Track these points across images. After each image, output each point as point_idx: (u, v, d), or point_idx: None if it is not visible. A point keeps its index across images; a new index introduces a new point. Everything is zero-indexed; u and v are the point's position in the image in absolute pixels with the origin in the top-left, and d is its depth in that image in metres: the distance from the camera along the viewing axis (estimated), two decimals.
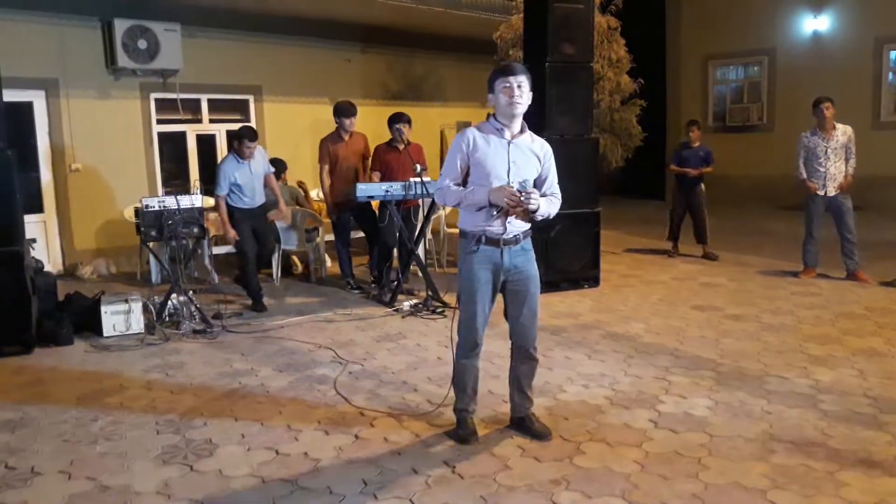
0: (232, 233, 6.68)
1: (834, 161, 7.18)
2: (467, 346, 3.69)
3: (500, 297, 3.72)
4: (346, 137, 7.31)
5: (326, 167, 7.34)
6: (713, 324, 5.89)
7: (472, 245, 3.57)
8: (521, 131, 3.63)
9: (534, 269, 3.69)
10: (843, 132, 7.21)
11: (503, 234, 3.55)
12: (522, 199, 3.43)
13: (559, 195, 3.75)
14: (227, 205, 6.71)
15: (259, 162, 6.84)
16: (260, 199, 6.89)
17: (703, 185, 8.82)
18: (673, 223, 8.97)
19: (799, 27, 13.57)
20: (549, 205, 3.63)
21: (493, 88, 3.56)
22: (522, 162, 3.58)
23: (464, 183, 3.62)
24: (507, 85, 3.51)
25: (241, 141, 6.66)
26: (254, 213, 6.81)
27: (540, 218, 3.61)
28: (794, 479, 3.24)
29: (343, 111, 7.26)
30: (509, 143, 3.58)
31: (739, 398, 4.23)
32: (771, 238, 9.61)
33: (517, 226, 3.59)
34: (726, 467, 3.37)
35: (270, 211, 7.11)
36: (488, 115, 3.68)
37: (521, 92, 3.53)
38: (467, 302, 3.63)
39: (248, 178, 6.72)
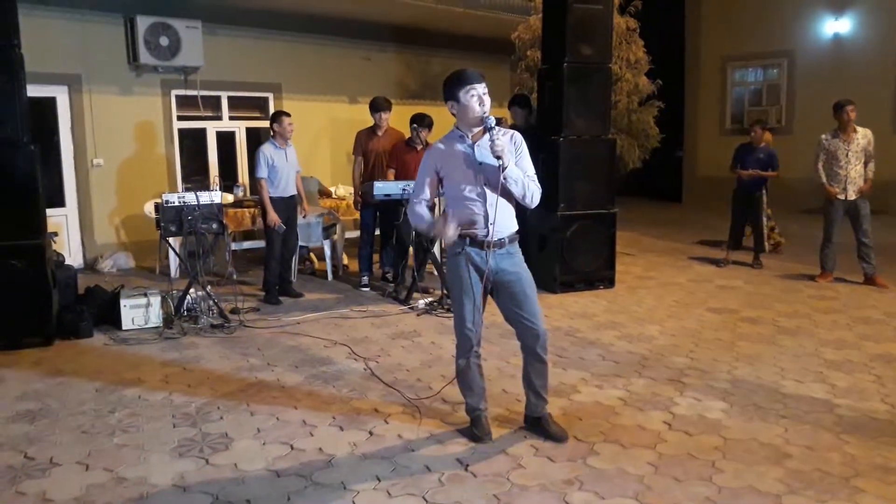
0: (273, 216, 6.74)
1: (854, 164, 7.12)
2: (464, 348, 3.68)
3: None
4: (380, 132, 7.43)
5: (360, 158, 7.56)
6: (729, 326, 5.87)
7: (457, 247, 3.58)
8: (485, 132, 3.55)
9: (524, 270, 3.65)
10: (863, 135, 7.15)
11: (487, 236, 3.54)
12: (492, 141, 3.39)
13: (537, 183, 3.60)
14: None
15: (292, 152, 7.00)
16: (291, 189, 7.00)
17: (764, 191, 8.14)
18: (732, 230, 8.37)
19: (819, 29, 13.45)
20: (517, 172, 3.51)
21: (458, 97, 3.48)
22: (491, 161, 3.52)
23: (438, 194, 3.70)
24: (476, 93, 3.47)
25: (279, 121, 6.84)
26: (285, 205, 6.90)
27: (514, 185, 3.48)
28: (809, 484, 3.23)
29: (374, 106, 7.49)
30: (473, 145, 3.55)
31: (754, 402, 4.21)
32: (788, 241, 9.53)
33: (503, 228, 3.56)
34: (740, 471, 3.36)
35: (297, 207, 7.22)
36: (455, 126, 3.63)
37: (487, 98, 3.51)
38: (458, 303, 3.64)
39: (283, 164, 6.86)
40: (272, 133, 6.94)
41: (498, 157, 3.41)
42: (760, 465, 3.42)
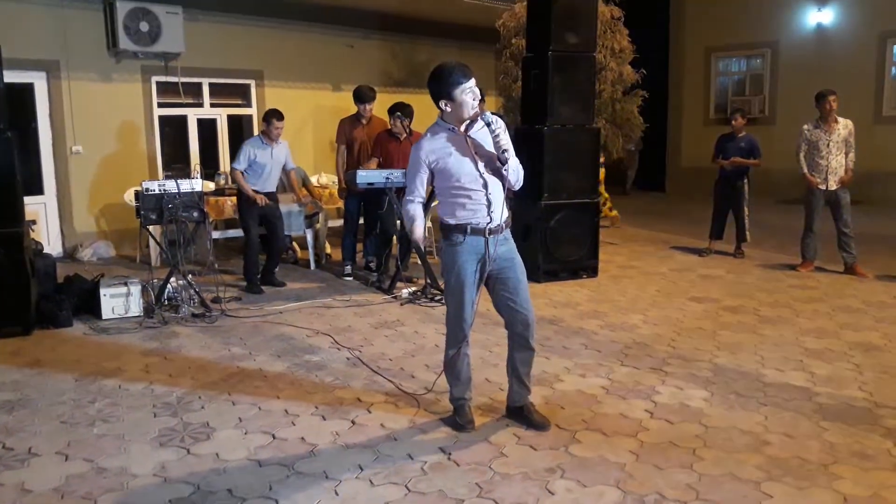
0: (254, 194, 6.74)
1: (836, 154, 7.17)
2: (456, 339, 3.68)
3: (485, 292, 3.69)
4: (364, 122, 7.40)
5: (343, 147, 7.53)
6: (711, 316, 5.91)
7: (457, 237, 3.55)
8: (472, 122, 3.55)
9: (518, 256, 3.67)
10: (844, 125, 7.20)
11: (489, 223, 3.54)
12: (497, 136, 3.42)
13: (518, 161, 3.61)
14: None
15: (282, 150, 6.99)
16: (271, 186, 7.00)
17: (746, 181, 8.13)
18: (715, 220, 8.36)
19: (803, 20, 13.52)
20: (515, 161, 3.55)
21: (453, 96, 3.42)
22: (488, 149, 3.53)
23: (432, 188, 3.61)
24: (471, 88, 3.44)
25: (269, 122, 6.83)
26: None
27: (513, 174, 3.53)
28: (788, 471, 3.26)
29: (359, 96, 7.43)
30: (465, 137, 3.53)
31: (735, 390, 4.24)
32: (770, 231, 9.61)
33: (500, 214, 3.56)
34: (721, 458, 3.39)
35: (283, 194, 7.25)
36: (439, 118, 3.59)
37: (477, 92, 3.48)
38: (455, 295, 3.61)
39: (267, 160, 6.85)
40: (263, 129, 6.96)
41: (504, 151, 3.44)
42: (740, 452, 3.45)
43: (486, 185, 3.51)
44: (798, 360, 4.76)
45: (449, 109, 3.48)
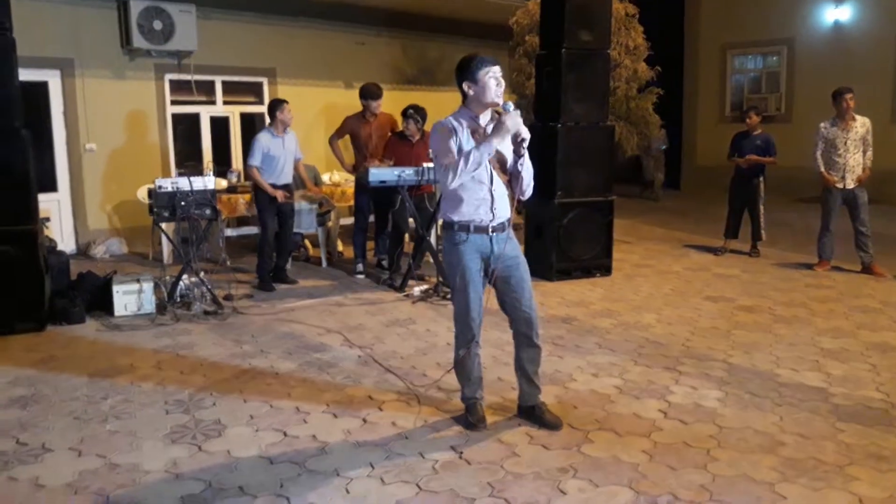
0: (273, 191, 6.75)
1: (853, 153, 7.10)
2: (465, 338, 3.66)
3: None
4: (372, 119, 7.40)
5: (337, 139, 7.64)
6: (725, 315, 5.85)
7: (460, 235, 3.54)
8: (492, 118, 3.57)
9: (521, 255, 3.66)
10: (861, 123, 7.13)
11: (492, 221, 3.53)
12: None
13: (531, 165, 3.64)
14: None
15: (291, 140, 6.97)
16: (286, 178, 6.97)
17: (762, 179, 8.06)
18: (730, 218, 8.31)
19: (820, 17, 13.39)
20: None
21: (476, 78, 3.45)
22: (502, 147, 3.53)
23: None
24: (494, 74, 3.46)
25: (281, 108, 6.80)
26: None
27: (527, 172, 3.55)
28: (802, 472, 3.22)
29: (367, 94, 7.42)
30: (484, 129, 3.53)
31: (750, 390, 4.20)
32: (786, 230, 9.53)
33: (503, 212, 3.56)
34: (735, 459, 3.35)
35: (297, 191, 7.27)
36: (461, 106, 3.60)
37: (502, 81, 3.51)
38: (462, 294, 3.59)
39: (280, 152, 6.83)
40: (270, 121, 6.91)
41: (522, 141, 3.44)
42: (755, 453, 3.41)
43: (491, 180, 3.51)
44: (814, 360, 4.71)
45: (472, 93, 3.49)
